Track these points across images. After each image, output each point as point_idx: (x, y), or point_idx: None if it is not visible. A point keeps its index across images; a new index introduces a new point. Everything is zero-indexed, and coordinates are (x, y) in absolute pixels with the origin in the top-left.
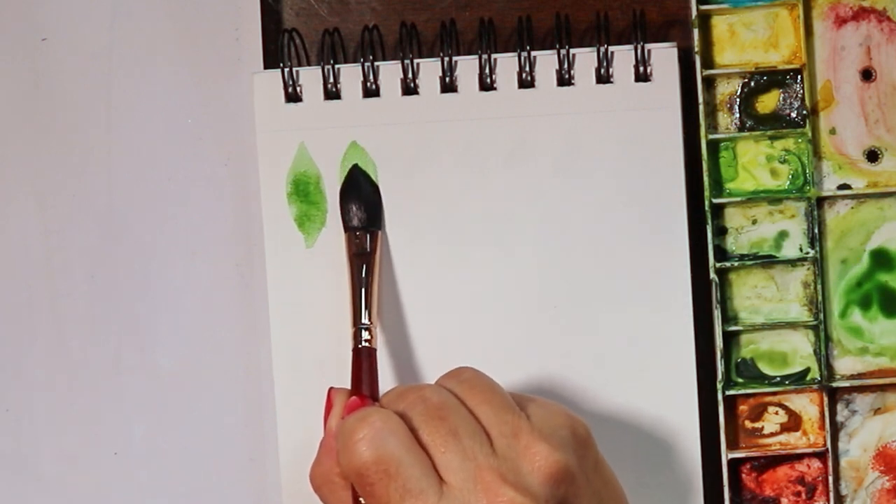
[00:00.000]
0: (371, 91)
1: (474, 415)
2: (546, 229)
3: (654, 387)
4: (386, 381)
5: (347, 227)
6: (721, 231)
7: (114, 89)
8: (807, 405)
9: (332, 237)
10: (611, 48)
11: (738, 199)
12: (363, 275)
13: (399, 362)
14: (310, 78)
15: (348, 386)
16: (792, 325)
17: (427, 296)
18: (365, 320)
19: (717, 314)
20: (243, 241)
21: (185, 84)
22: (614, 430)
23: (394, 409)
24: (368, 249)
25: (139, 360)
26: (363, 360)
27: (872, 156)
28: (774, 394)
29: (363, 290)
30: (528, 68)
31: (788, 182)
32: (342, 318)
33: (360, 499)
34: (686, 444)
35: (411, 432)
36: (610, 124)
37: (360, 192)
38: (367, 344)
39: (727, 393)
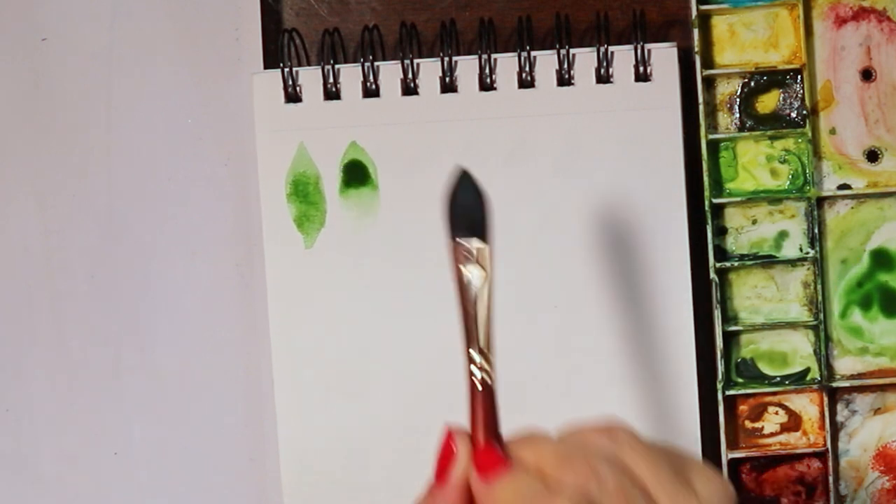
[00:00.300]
0: (371, 91)
1: (646, 494)
2: (546, 229)
3: (654, 387)
4: (386, 377)
5: (456, 236)
6: (721, 231)
7: (114, 89)
8: (807, 405)
9: (332, 237)
10: (611, 48)
11: (738, 199)
12: (479, 299)
13: (399, 361)
14: (310, 78)
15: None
16: (792, 325)
17: (427, 295)
18: (476, 356)
19: (717, 314)
20: (243, 241)
21: (185, 84)
22: None
23: (557, 480)
24: (484, 268)
25: (139, 360)
26: (487, 399)
27: (872, 156)
28: (774, 394)
29: (482, 317)
30: (528, 68)
31: (788, 182)
32: (342, 318)
33: None
34: (686, 444)
35: None
36: (610, 124)
37: (474, 198)
38: (489, 380)
39: (727, 393)
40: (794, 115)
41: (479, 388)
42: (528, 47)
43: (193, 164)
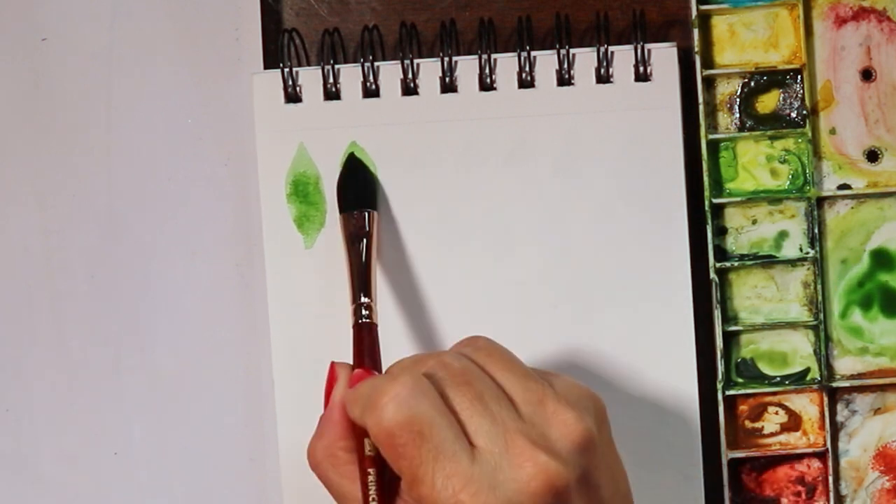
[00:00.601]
0: (371, 91)
1: (496, 381)
2: (546, 229)
3: (654, 386)
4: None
5: (343, 209)
6: (721, 231)
7: (114, 89)
8: (807, 405)
9: (332, 238)
10: (611, 48)
11: (738, 199)
12: (361, 253)
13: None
14: (310, 78)
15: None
16: (792, 325)
17: (427, 295)
18: (364, 298)
19: (717, 314)
20: (243, 241)
21: (185, 84)
22: (614, 430)
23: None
24: (366, 229)
25: (139, 360)
26: (364, 335)
27: (872, 156)
28: (774, 394)
29: (362, 267)
30: (528, 68)
31: (788, 182)
32: (342, 318)
33: (369, 470)
34: (686, 444)
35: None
36: (610, 124)
37: (357, 176)
38: (367, 320)
39: (727, 393)
40: (794, 115)
41: (364, 328)
42: (528, 47)
43: (193, 164)
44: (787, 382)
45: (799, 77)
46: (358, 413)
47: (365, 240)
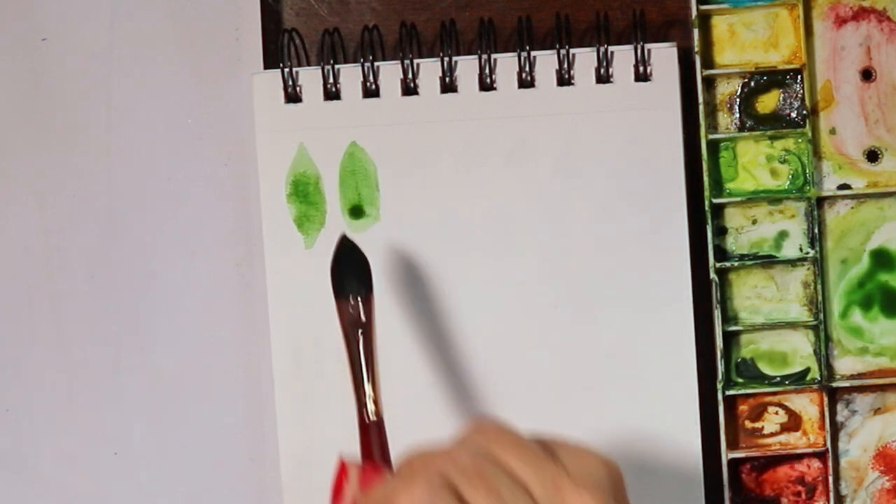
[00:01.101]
0: (371, 91)
1: (509, 471)
2: (546, 229)
3: (654, 386)
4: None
5: (339, 295)
6: (721, 231)
7: (114, 89)
8: (807, 405)
9: (332, 238)
10: (611, 48)
11: (738, 199)
12: (361, 342)
13: (398, 360)
14: (310, 78)
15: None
16: (792, 325)
17: (426, 295)
18: (370, 391)
19: (717, 314)
20: (243, 241)
21: (185, 84)
22: (614, 431)
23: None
24: (364, 316)
25: (139, 360)
26: (373, 434)
27: (872, 156)
28: (774, 394)
29: (364, 358)
30: (528, 68)
31: (788, 182)
32: None
33: None
34: (686, 444)
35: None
36: (610, 124)
37: (351, 259)
38: (374, 417)
39: (727, 393)
40: (794, 115)
41: (371, 419)
42: (528, 47)
43: (193, 164)
44: (787, 382)
45: (799, 77)
46: None
47: (365, 328)
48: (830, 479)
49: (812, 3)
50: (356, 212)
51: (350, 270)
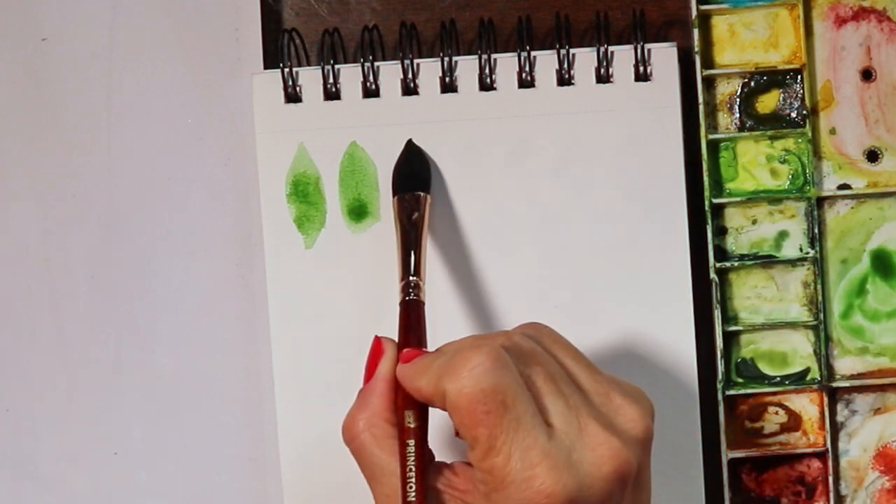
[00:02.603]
0: (371, 91)
1: (564, 365)
2: (546, 229)
3: (654, 386)
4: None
5: (398, 191)
6: (721, 231)
7: (114, 89)
8: (807, 405)
9: (332, 238)
10: (611, 48)
11: (738, 199)
12: (413, 233)
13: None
14: (310, 78)
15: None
16: (792, 325)
17: (426, 295)
18: (413, 277)
19: (717, 314)
20: (243, 241)
21: (185, 84)
22: None
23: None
24: (420, 210)
25: (139, 360)
26: (412, 312)
27: (872, 156)
28: (774, 394)
29: (414, 247)
30: (528, 68)
31: (788, 182)
32: (342, 318)
33: (408, 441)
34: (686, 443)
35: None
36: (610, 124)
37: (414, 161)
38: (415, 297)
39: (727, 393)
40: (794, 115)
41: (411, 305)
42: (528, 47)
43: (193, 164)
44: (787, 382)
45: (799, 77)
46: (427, 382)
47: (418, 221)
48: (830, 479)
49: (812, 3)
50: (356, 212)
51: (413, 170)
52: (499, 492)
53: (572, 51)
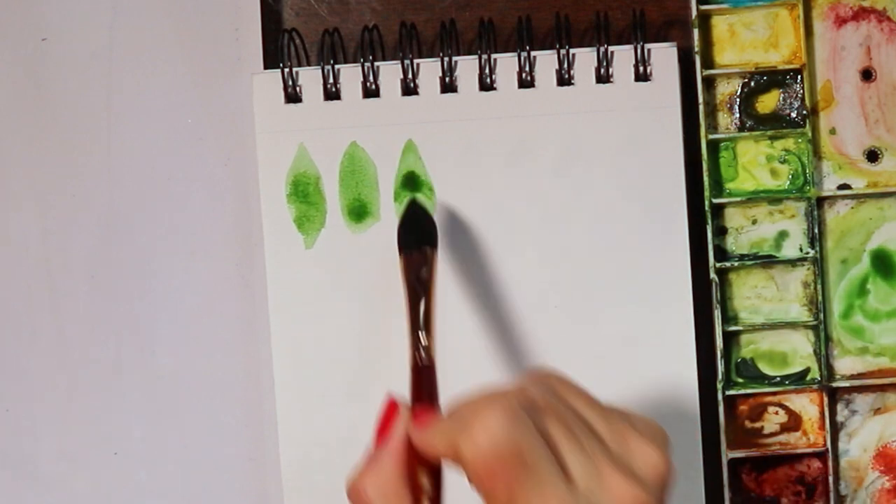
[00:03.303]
0: (371, 91)
1: (578, 412)
2: (546, 229)
3: (654, 387)
4: (386, 377)
5: (405, 250)
6: (721, 231)
7: (114, 89)
8: (807, 405)
9: (332, 238)
10: (611, 48)
11: (738, 199)
12: (423, 293)
13: (399, 360)
14: (310, 78)
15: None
16: (792, 325)
17: None
18: (424, 339)
19: (717, 314)
20: (243, 241)
21: (185, 84)
22: None
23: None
24: (428, 268)
25: (139, 360)
26: (424, 378)
27: (872, 156)
28: (774, 394)
29: (424, 307)
30: (528, 68)
31: (788, 182)
32: (342, 318)
33: None
34: (686, 444)
35: None
36: (610, 124)
37: (420, 218)
38: (427, 363)
39: (727, 393)
40: (794, 115)
41: (424, 363)
42: (528, 47)
43: (193, 164)
44: (787, 382)
45: (799, 77)
46: (441, 441)
47: (427, 277)
48: (830, 479)
49: (812, 3)
50: (356, 212)
51: (418, 227)
52: None
53: (572, 51)
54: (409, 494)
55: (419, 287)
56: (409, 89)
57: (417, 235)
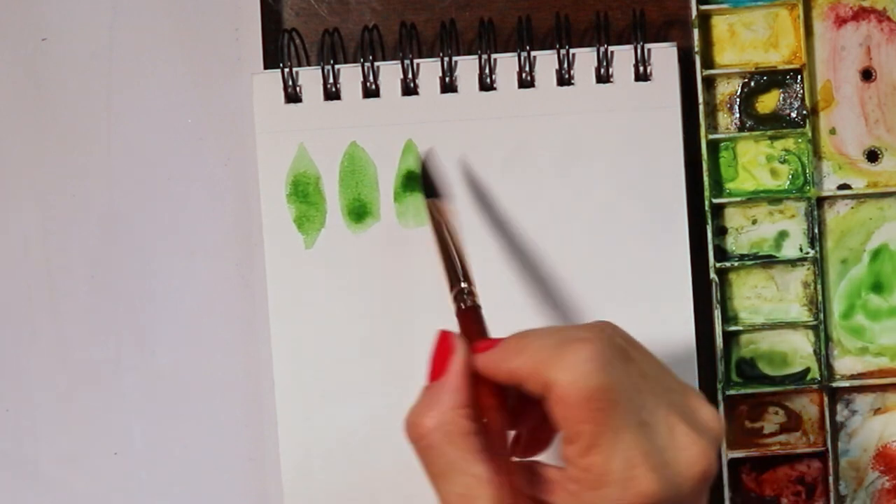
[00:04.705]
0: (371, 91)
1: (652, 367)
2: (546, 229)
3: None
4: (386, 377)
5: (430, 195)
6: (721, 231)
7: (114, 89)
8: (807, 405)
9: (332, 238)
10: (611, 48)
11: (738, 199)
12: (453, 237)
13: (399, 360)
14: (310, 78)
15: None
16: (792, 325)
17: (426, 295)
18: (464, 283)
19: (717, 314)
20: (243, 241)
21: (185, 84)
22: None
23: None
24: (454, 213)
25: (139, 360)
26: (471, 319)
27: (872, 156)
28: (774, 394)
29: (457, 251)
30: (528, 68)
31: (788, 182)
32: (342, 318)
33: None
34: None
35: None
36: (610, 124)
37: (437, 166)
38: (471, 303)
39: (727, 393)
40: (794, 115)
41: (467, 305)
42: (528, 47)
43: (193, 164)
44: (787, 382)
45: (799, 77)
46: (525, 363)
47: (451, 225)
48: (830, 479)
49: (812, 3)
50: (356, 212)
51: (439, 173)
52: (594, 491)
53: (572, 51)
54: (471, 426)
55: (451, 231)
56: (409, 89)
57: (441, 181)
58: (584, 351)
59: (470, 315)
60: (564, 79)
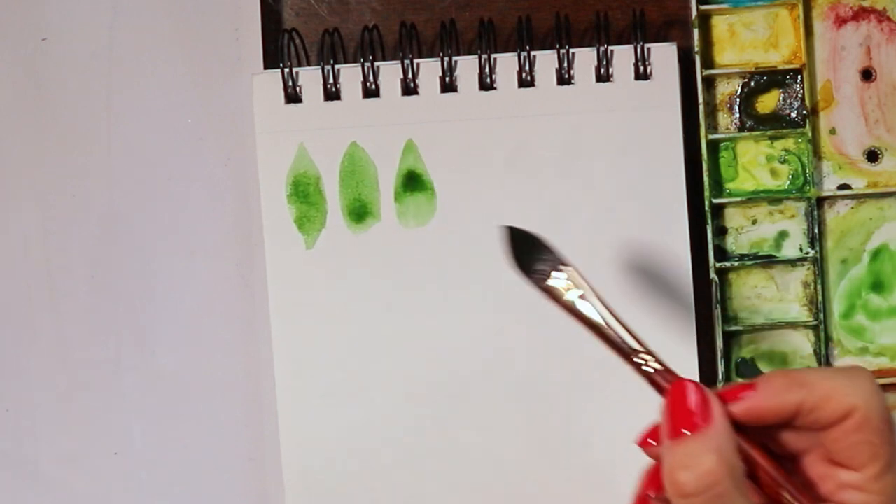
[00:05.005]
0: (371, 91)
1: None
2: (546, 229)
3: None
4: (386, 377)
5: (533, 276)
6: (721, 231)
7: (114, 89)
8: None
9: (333, 238)
10: (611, 48)
11: (738, 199)
12: (603, 307)
13: (400, 360)
14: (310, 78)
15: None
16: (792, 325)
17: (427, 295)
18: (642, 355)
19: (717, 314)
20: (243, 241)
21: (185, 84)
22: (615, 430)
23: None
24: (579, 285)
25: (139, 360)
26: (668, 378)
27: (872, 156)
28: None
29: (618, 320)
30: (528, 68)
31: (788, 182)
32: (342, 318)
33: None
34: None
35: None
36: (610, 124)
37: (527, 241)
38: (655, 367)
39: None
40: (794, 115)
41: (656, 370)
42: (528, 47)
43: (193, 164)
44: None
45: (799, 77)
46: (822, 394)
47: (589, 294)
48: None
49: (812, 3)
50: (356, 212)
51: (530, 249)
52: None
53: (572, 50)
54: (744, 474)
55: (579, 305)
56: (409, 89)
57: (538, 256)
58: (872, 379)
59: (664, 375)
60: (564, 78)
